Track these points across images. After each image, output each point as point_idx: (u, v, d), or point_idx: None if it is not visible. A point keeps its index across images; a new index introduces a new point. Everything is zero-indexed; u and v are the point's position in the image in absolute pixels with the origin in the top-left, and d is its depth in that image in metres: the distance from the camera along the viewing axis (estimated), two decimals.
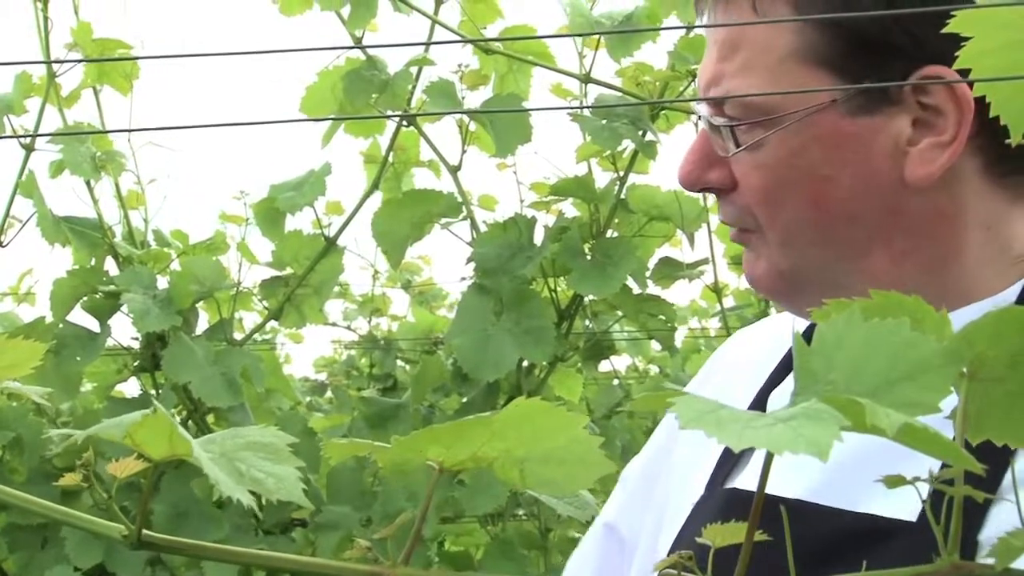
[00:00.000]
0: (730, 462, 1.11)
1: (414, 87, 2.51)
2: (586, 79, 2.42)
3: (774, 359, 1.16)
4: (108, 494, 0.75)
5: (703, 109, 1.08)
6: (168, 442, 0.71)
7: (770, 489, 0.61)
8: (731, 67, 1.04)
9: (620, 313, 2.61)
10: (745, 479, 1.08)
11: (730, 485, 1.09)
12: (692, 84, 2.36)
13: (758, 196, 1.05)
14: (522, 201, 2.53)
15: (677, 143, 2.49)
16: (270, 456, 0.73)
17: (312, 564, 0.73)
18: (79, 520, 0.72)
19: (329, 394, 4.06)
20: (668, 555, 0.70)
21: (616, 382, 3.20)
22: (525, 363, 2.46)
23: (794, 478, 0.99)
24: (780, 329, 1.21)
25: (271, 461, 0.73)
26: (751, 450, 0.57)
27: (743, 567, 0.61)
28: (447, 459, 0.77)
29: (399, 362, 3.58)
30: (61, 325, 2.63)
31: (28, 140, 2.60)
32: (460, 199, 2.52)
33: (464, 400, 2.53)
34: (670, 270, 2.56)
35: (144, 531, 0.73)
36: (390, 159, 2.64)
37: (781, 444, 0.53)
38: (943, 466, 0.58)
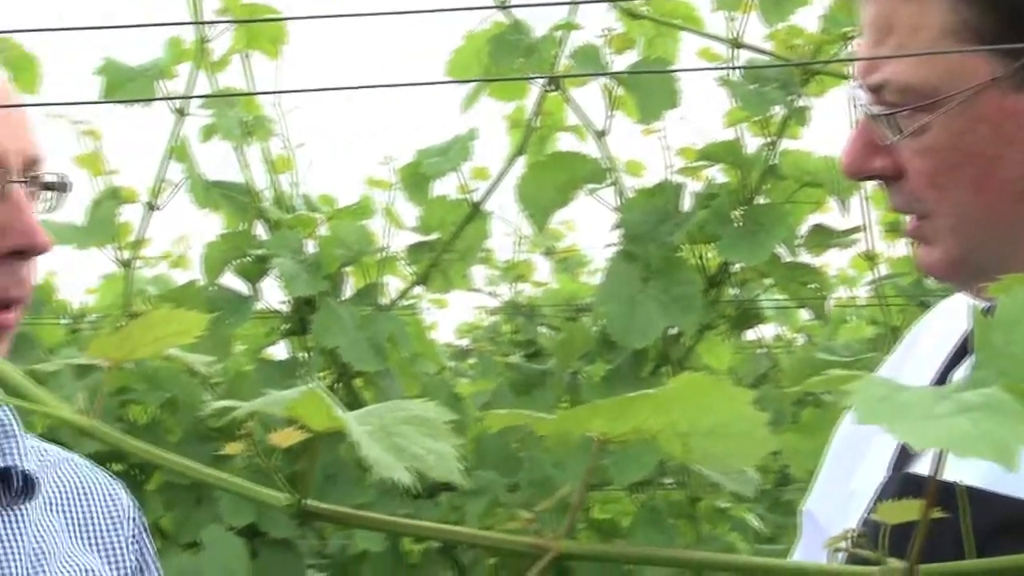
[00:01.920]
0: None
1: (559, 51, 2.49)
2: (736, 43, 2.38)
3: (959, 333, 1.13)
4: (266, 461, 0.75)
5: (862, 97, 1.06)
6: (327, 416, 0.71)
7: (947, 475, 0.58)
8: (886, 52, 1.02)
9: (769, 281, 2.56)
10: (923, 463, 1.05)
11: (910, 469, 1.07)
12: (846, 47, 2.31)
13: (925, 182, 1.03)
14: (669, 167, 2.49)
15: (830, 107, 2.43)
16: (430, 432, 0.72)
17: (477, 537, 0.72)
18: (241, 487, 0.72)
19: (471, 360, 4.06)
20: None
21: (762, 351, 3.15)
22: (672, 331, 2.43)
23: (972, 464, 0.96)
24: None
25: (431, 437, 0.72)
26: None
27: (918, 548, 0.59)
28: (610, 432, 0.76)
29: (542, 328, 3.57)
30: (213, 288, 2.67)
31: (180, 105, 2.64)
32: (606, 164, 2.49)
33: (610, 367, 2.51)
34: (823, 238, 2.51)
35: (306, 500, 0.73)
36: (535, 124, 2.62)
37: (963, 446, 0.51)
38: None
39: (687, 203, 2.39)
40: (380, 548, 2.50)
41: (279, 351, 2.97)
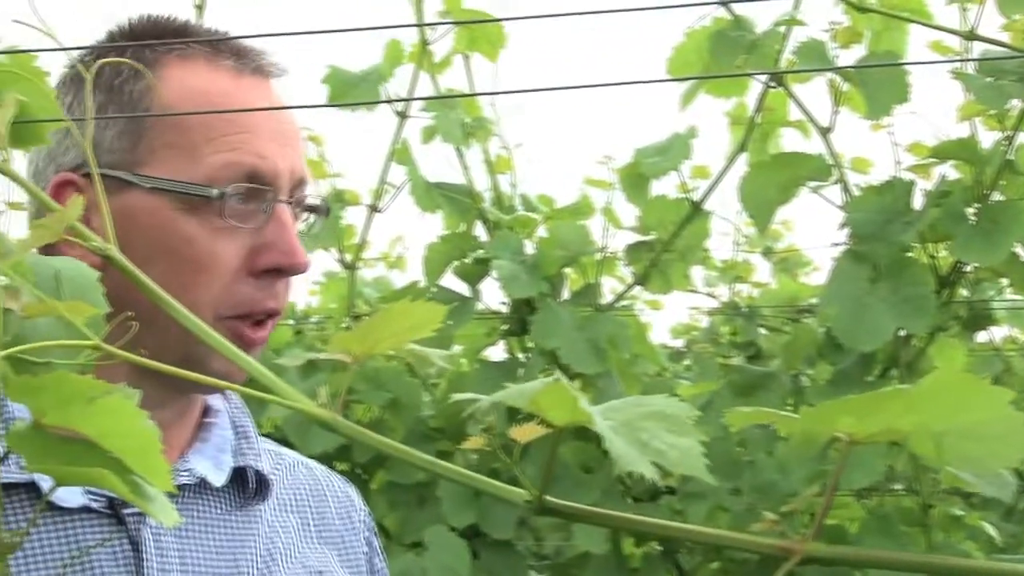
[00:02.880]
0: None
1: (783, 47, 2.44)
2: (970, 35, 2.29)
3: None
4: (506, 458, 0.74)
5: None
6: (570, 410, 0.70)
7: None
8: None
9: (1004, 282, 2.46)
10: None
11: None
12: None
13: None
14: (898, 163, 2.42)
15: None
16: (673, 427, 0.71)
17: (724, 538, 0.70)
18: (483, 484, 0.72)
19: (686, 361, 4.02)
20: None
21: (994, 353, 3.04)
22: (902, 333, 2.36)
23: None
24: None
25: (674, 433, 0.71)
26: None
27: None
28: (858, 431, 0.74)
29: (761, 330, 3.52)
30: (434, 289, 2.70)
31: (402, 107, 2.67)
32: (831, 161, 2.43)
33: (835, 370, 2.45)
34: None
35: (546, 497, 0.72)
36: (757, 120, 2.58)
37: None
38: None
39: (918, 201, 2.32)
40: (602, 550, 2.48)
41: (496, 352, 2.99)
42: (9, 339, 0.77)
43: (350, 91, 2.63)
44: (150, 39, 1.27)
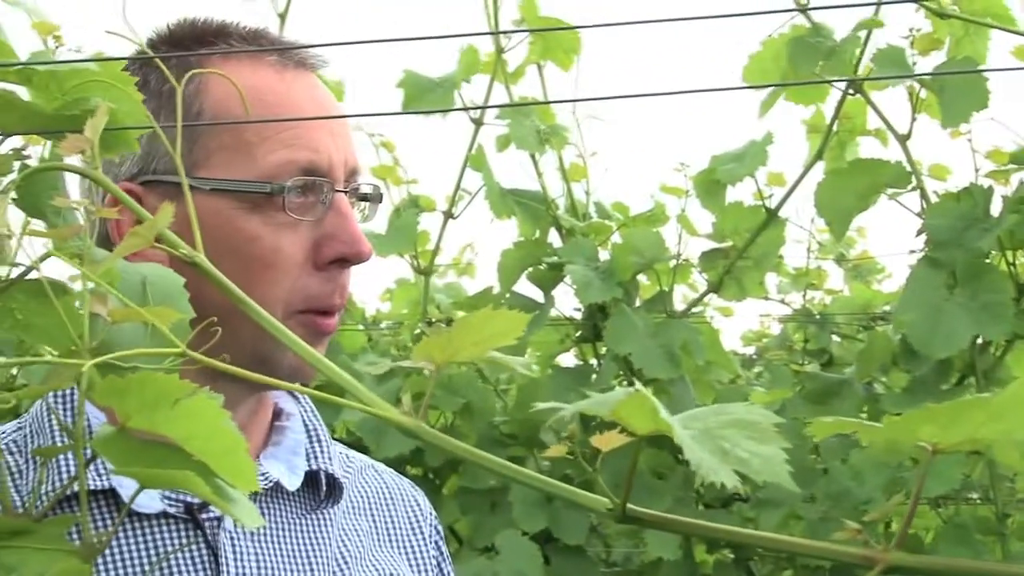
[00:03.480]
0: None
1: (862, 53, 2.43)
2: None
3: None
4: (589, 465, 0.75)
5: None
6: (651, 419, 0.70)
7: None
8: None
9: None
10: None
11: None
12: None
13: None
14: (977, 170, 2.40)
15: None
16: (755, 435, 0.71)
17: (807, 546, 0.70)
18: (566, 492, 0.72)
19: (756, 368, 4.00)
20: None
21: None
22: (979, 340, 2.34)
23: None
24: None
25: (756, 440, 0.70)
26: None
27: None
28: (941, 440, 0.73)
29: (834, 337, 3.49)
30: (508, 295, 2.70)
31: (477, 115, 2.68)
32: (909, 169, 2.42)
33: (911, 378, 2.43)
34: None
35: (628, 505, 0.72)
36: (834, 128, 2.57)
37: None
38: None
39: (996, 207, 2.29)
40: (675, 556, 2.48)
41: (565, 358, 3.00)
42: (96, 344, 0.79)
43: (425, 96, 2.65)
44: (190, 42, 1.28)
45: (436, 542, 1.47)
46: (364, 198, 1.34)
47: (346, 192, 1.28)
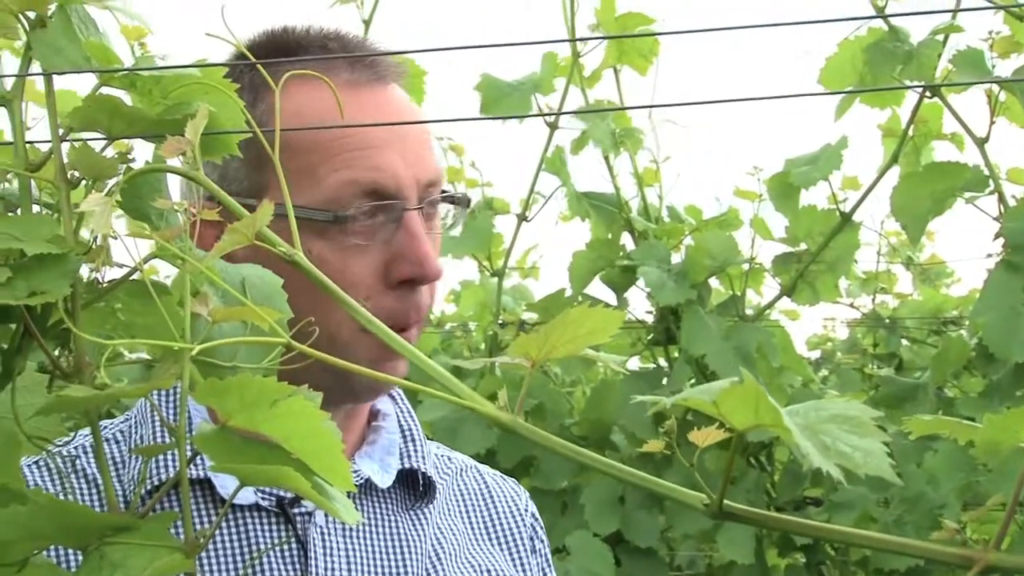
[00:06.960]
0: None
1: (940, 56, 2.42)
2: None
3: None
4: (691, 460, 0.76)
5: None
6: (754, 412, 0.71)
7: None
8: None
9: None
10: None
11: None
12: None
13: None
14: None
15: None
16: (855, 429, 0.71)
17: (905, 545, 0.71)
18: (662, 488, 0.73)
19: (823, 372, 3.98)
20: None
21: None
22: None
23: None
24: None
25: (856, 435, 0.71)
26: None
27: None
28: None
29: (903, 341, 3.47)
30: (580, 298, 2.71)
31: (553, 118, 2.69)
32: (987, 172, 2.40)
33: (988, 382, 2.42)
34: None
35: (725, 501, 0.73)
36: (910, 132, 2.56)
37: None
38: None
39: None
40: (748, 560, 2.48)
41: (631, 363, 3.00)
42: (198, 343, 0.80)
43: (502, 100, 2.66)
44: (271, 56, 1.25)
45: (534, 535, 1.47)
46: (449, 201, 1.32)
47: (420, 208, 1.26)
